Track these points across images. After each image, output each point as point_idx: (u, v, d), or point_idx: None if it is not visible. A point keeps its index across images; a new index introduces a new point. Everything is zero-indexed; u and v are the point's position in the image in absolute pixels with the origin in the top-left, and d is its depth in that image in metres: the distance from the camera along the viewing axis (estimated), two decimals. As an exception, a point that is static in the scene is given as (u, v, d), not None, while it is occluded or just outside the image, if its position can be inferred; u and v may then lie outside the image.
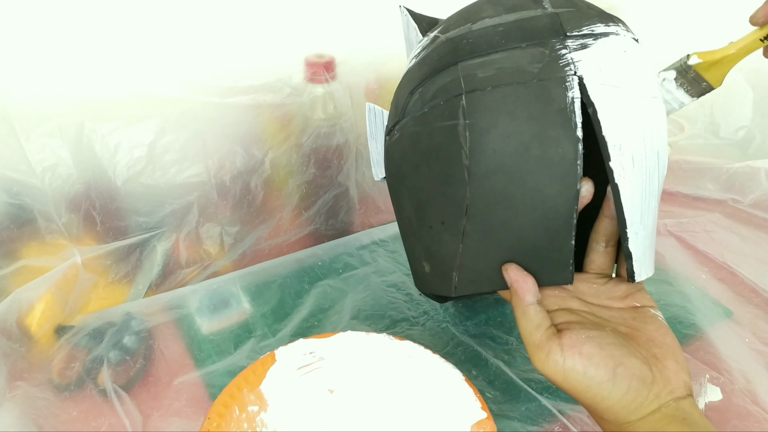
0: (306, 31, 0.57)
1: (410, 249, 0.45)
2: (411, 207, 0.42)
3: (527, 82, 0.35)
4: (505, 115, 0.35)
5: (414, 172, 0.40)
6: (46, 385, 0.49)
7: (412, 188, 0.41)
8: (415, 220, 0.42)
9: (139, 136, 0.52)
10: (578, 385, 0.33)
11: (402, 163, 0.42)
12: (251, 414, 0.43)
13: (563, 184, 0.35)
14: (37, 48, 0.46)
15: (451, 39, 0.40)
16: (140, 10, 0.48)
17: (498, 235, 0.37)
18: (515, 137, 0.35)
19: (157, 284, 0.60)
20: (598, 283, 0.40)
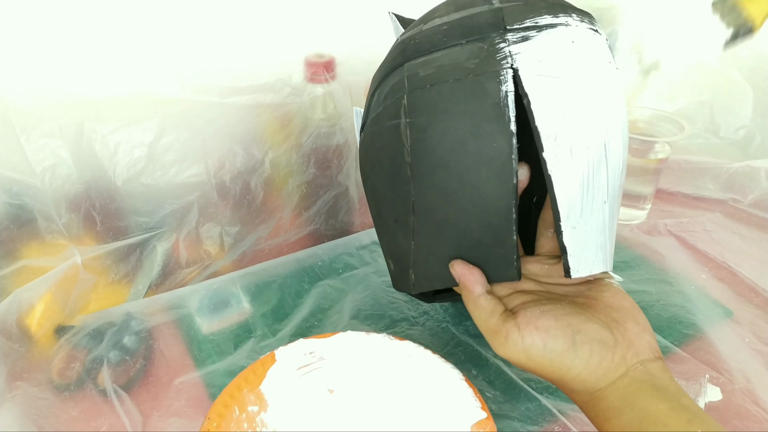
0: (306, 31, 0.57)
1: (381, 246, 0.46)
2: (373, 205, 0.43)
3: (463, 78, 0.35)
4: (442, 112, 0.36)
5: (372, 171, 0.42)
6: (46, 385, 0.49)
7: (372, 187, 0.43)
8: (377, 219, 0.43)
9: (139, 136, 0.53)
10: (541, 360, 0.33)
11: (365, 162, 0.43)
12: (251, 414, 0.43)
13: (500, 178, 0.35)
14: (37, 48, 0.46)
15: (403, 40, 0.41)
16: (140, 10, 0.48)
17: (443, 231, 0.37)
18: (452, 134, 0.35)
19: (157, 284, 0.60)
20: (549, 263, 0.40)
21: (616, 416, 0.32)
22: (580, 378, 0.33)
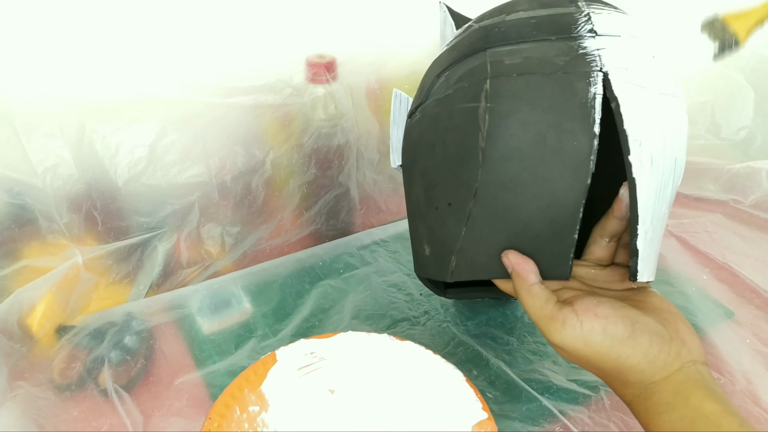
0: (307, 31, 0.57)
1: (414, 230, 0.45)
2: (421, 187, 0.42)
3: (552, 73, 0.36)
4: (527, 103, 0.36)
5: (429, 152, 0.41)
6: (47, 385, 0.49)
7: (425, 168, 0.42)
8: (423, 201, 0.42)
9: (140, 136, 0.53)
10: (600, 346, 0.33)
11: (419, 142, 0.43)
12: (252, 414, 0.43)
13: (574, 177, 0.35)
14: (38, 48, 0.46)
15: (484, 27, 0.41)
16: (141, 11, 0.48)
17: (503, 220, 0.37)
18: (533, 125, 0.36)
19: (158, 284, 0.60)
20: (596, 269, 0.40)
21: (668, 411, 0.32)
22: (638, 368, 0.33)
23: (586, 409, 0.50)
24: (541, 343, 0.56)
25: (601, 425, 0.48)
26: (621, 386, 0.35)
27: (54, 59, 0.47)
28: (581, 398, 0.50)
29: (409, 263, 0.65)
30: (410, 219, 0.46)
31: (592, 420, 0.49)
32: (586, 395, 0.51)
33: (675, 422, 0.32)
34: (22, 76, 0.46)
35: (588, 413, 0.49)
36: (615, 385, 0.35)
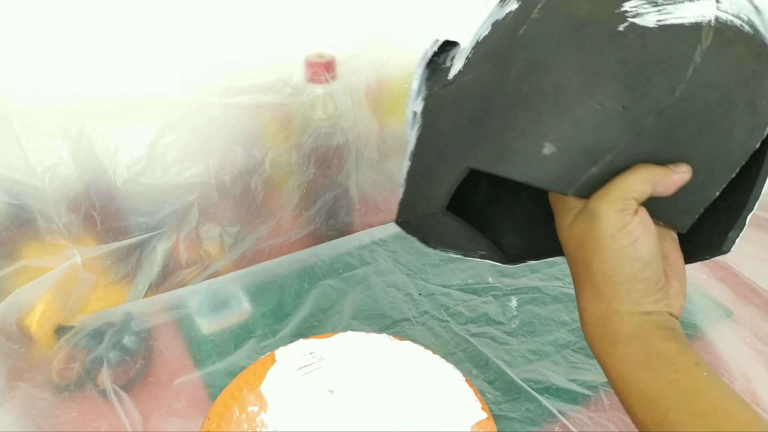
0: (306, 30, 0.57)
1: (515, 121, 0.35)
2: (575, 72, 0.34)
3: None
4: (746, 42, 0.34)
5: (612, 38, 0.33)
6: (46, 385, 0.49)
7: (598, 52, 0.34)
8: (572, 90, 0.34)
9: (139, 136, 0.52)
10: (619, 248, 0.32)
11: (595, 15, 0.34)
12: (251, 414, 0.43)
13: (750, 135, 0.34)
14: (37, 48, 0.46)
15: None
16: (140, 10, 0.48)
17: (671, 148, 0.34)
18: (744, 66, 0.33)
19: (157, 284, 0.60)
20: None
21: (623, 342, 0.32)
22: (618, 287, 0.33)
23: (586, 409, 0.50)
24: (541, 343, 0.56)
25: (601, 425, 0.48)
26: (589, 298, 0.34)
27: (53, 59, 0.47)
28: (580, 398, 0.50)
29: (408, 263, 0.65)
30: (506, 107, 0.35)
31: (591, 420, 0.49)
32: (585, 395, 0.51)
33: (629, 354, 0.32)
34: (22, 76, 0.46)
35: (587, 413, 0.49)
36: (585, 294, 0.35)
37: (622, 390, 0.32)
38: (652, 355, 0.32)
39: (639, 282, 0.33)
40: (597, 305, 0.34)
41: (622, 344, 0.32)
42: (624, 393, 0.32)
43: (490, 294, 0.61)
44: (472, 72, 0.36)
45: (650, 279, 0.33)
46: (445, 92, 0.38)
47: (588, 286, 0.34)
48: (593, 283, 0.34)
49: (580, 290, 0.35)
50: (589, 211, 0.33)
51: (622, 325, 0.33)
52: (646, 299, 0.33)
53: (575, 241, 0.35)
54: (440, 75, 0.39)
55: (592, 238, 0.33)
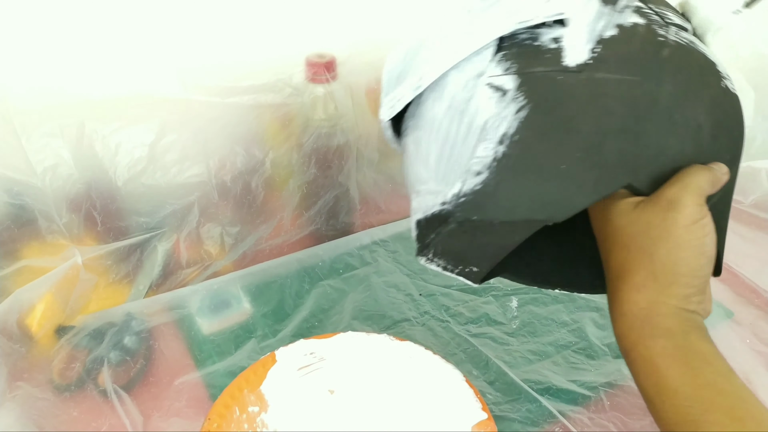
0: (307, 30, 0.57)
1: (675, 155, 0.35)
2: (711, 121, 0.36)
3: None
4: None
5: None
6: (46, 385, 0.49)
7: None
8: (708, 135, 0.36)
9: (139, 136, 0.52)
10: (691, 240, 0.33)
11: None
12: (252, 414, 0.43)
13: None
14: (38, 47, 0.46)
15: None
16: (141, 10, 0.48)
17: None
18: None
19: (157, 284, 0.60)
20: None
21: (665, 336, 0.32)
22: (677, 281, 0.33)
23: (586, 410, 0.50)
24: (541, 344, 0.56)
25: (601, 426, 0.48)
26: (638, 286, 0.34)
27: (54, 59, 0.47)
28: (581, 399, 0.50)
29: (408, 263, 0.65)
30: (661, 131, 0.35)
31: (591, 421, 0.49)
32: (585, 396, 0.51)
33: (670, 349, 0.32)
34: (22, 76, 0.46)
35: (588, 414, 0.49)
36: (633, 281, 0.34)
37: (653, 385, 0.32)
38: (692, 353, 0.31)
39: (698, 278, 0.33)
40: (645, 295, 0.33)
41: (663, 338, 0.32)
42: (655, 389, 0.32)
43: (491, 294, 0.61)
44: (611, 72, 0.34)
45: (706, 277, 0.34)
46: (570, 81, 0.34)
47: (640, 274, 0.34)
48: (650, 271, 0.33)
49: (626, 279, 0.34)
50: (667, 199, 0.33)
51: (667, 319, 0.32)
52: (694, 297, 0.33)
53: (637, 228, 0.34)
54: (539, 55, 0.35)
55: (664, 225, 0.33)
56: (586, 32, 0.35)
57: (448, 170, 0.37)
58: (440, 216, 0.37)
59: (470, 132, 0.35)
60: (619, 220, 0.35)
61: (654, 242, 0.33)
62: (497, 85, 0.35)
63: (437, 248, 0.37)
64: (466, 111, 0.35)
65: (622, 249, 0.35)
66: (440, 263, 0.37)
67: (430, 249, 0.37)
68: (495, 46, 0.36)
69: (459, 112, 0.36)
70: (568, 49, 0.34)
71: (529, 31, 0.35)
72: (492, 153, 0.34)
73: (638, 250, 0.34)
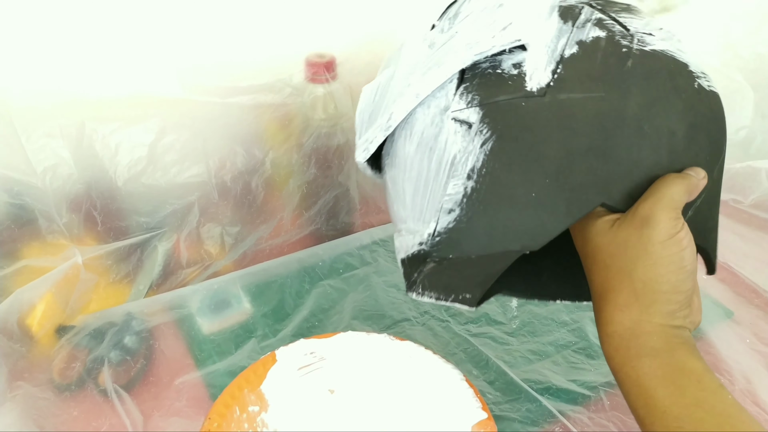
0: (307, 30, 0.57)
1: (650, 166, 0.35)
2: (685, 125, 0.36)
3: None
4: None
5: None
6: (46, 385, 0.49)
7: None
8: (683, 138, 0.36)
9: (139, 136, 0.52)
10: (669, 255, 0.32)
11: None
12: (252, 414, 0.43)
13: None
14: (38, 48, 0.46)
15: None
16: (141, 10, 0.48)
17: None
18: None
19: (157, 284, 0.60)
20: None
21: (651, 355, 0.32)
22: (658, 298, 0.32)
23: (586, 409, 0.50)
24: (541, 343, 0.56)
25: (601, 426, 0.48)
26: (621, 306, 0.33)
27: (53, 59, 0.47)
28: (581, 399, 0.50)
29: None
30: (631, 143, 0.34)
31: (591, 420, 0.49)
32: (585, 396, 0.51)
33: (656, 368, 0.31)
34: (22, 76, 0.46)
35: (587, 414, 0.49)
36: (617, 301, 0.34)
37: (643, 406, 0.31)
38: (678, 372, 0.31)
39: (679, 293, 0.33)
40: (629, 314, 0.33)
41: (649, 357, 0.32)
42: (644, 410, 0.31)
43: (491, 294, 0.61)
44: (574, 92, 0.34)
45: (688, 292, 0.33)
46: (533, 105, 0.34)
47: (622, 294, 0.33)
48: (631, 290, 0.33)
49: (609, 299, 0.34)
50: (641, 216, 0.33)
51: (652, 337, 0.32)
52: (679, 312, 0.33)
53: (614, 248, 0.34)
54: (501, 83, 0.35)
55: (640, 243, 0.33)
56: (546, 53, 0.35)
57: (423, 209, 0.37)
58: (419, 256, 0.37)
59: (440, 168, 0.35)
60: (598, 240, 0.35)
61: (632, 261, 0.33)
62: (462, 119, 0.35)
63: (424, 284, 0.37)
64: (435, 147, 0.35)
65: (602, 268, 0.35)
66: (431, 296, 0.37)
67: (417, 286, 0.37)
68: (457, 80, 0.36)
69: (428, 149, 0.36)
70: (530, 73, 0.34)
71: (490, 59, 0.35)
72: (462, 189, 0.34)
73: (618, 270, 0.34)
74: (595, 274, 0.35)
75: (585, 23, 0.36)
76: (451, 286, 0.36)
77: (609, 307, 0.34)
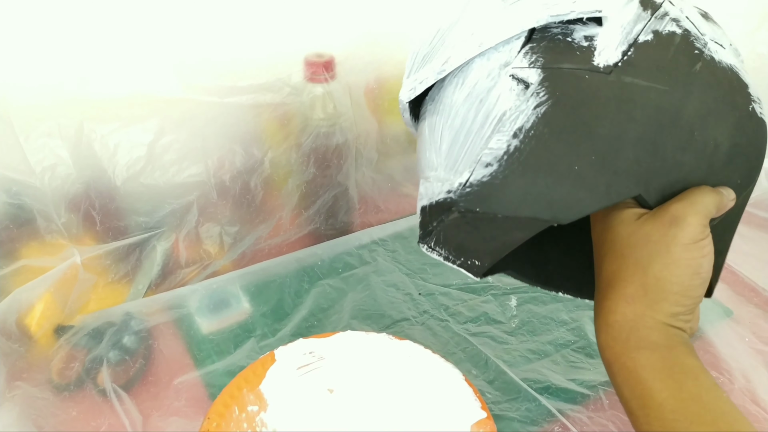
0: (305, 30, 0.57)
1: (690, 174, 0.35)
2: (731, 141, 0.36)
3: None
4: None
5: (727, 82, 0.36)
6: (45, 385, 0.49)
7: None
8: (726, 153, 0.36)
9: (138, 135, 0.52)
10: (689, 259, 0.32)
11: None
12: (251, 414, 0.43)
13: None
14: (36, 47, 0.46)
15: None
16: (139, 10, 0.48)
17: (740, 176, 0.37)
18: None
19: (156, 284, 0.60)
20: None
21: (651, 348, 0.32)
22: (667, 297, 0.33)
23: (585, 408, 0.50)
24: (541, 343, 0.56)
25: (600, 425, 0.48)
26: (628, 298, 0.33)
27: (52, 58, 0.47)
28: (580, 398, 0.50)
29: (407, 262, 0.65)
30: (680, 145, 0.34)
31: (591, 420, 0.49)
32: (584, 395, 0.51)
33: (655, 361, 0.32)
34: (21, 76, 0.46)
35: (587, 413, 0.49)
36: (623, 293, 0.34)
37: (638, 397, 0.32)
38: (677, 367, 0.31)
39: (689, 298, 0.33)
40: (633, 307, 0.33)
41: (648, 350, 0.32)
42: (639, 401, 0.32)
43: (490, 293, 0.61)
44: (640, 78, 0.33)
45: (698, 298, 0.33)
46: (596, 81, 0.33)
47: (632, 286, 0.33)
48: (642, 284, 0.33)
49: (617, 289, 0.34)
50: (672, 215, 0.33)
51: (653, 332, 0.32)
52: (683, 315, 0.33)
53: (635, 240, 0.34)
54: (569, 51, 0.34)
55: (664, 241, 0.33)
56: (621, 33, 0.34)
57: (459, 159, 0.36)
58: (444, 204, 0.37)
59: (487, 122, 0.35)
60: (620, 229, 0.35)
61: (651, 256, 0.33)
62: (521, 78, 0.34)
63: (439, 237, 0.36)
64: (485, 100, 0.35)
65: (617, 258, 0.34)
66: (441, 252, 0.36)
67: (432, 237, 0.36)
68: (525, 38, 0.35)
69: (479, 100, 0.35)
70: (600, 48, 0.34)
71: (563, 26, 0.34)
72: (505, 146, 0.34)
73: (633, 262, 0.34)
74: (608, 263, 0.35)
75: (664, 16, 0.35)
76: (464, 246, 0.35)
77: (615, 296, 0.34)
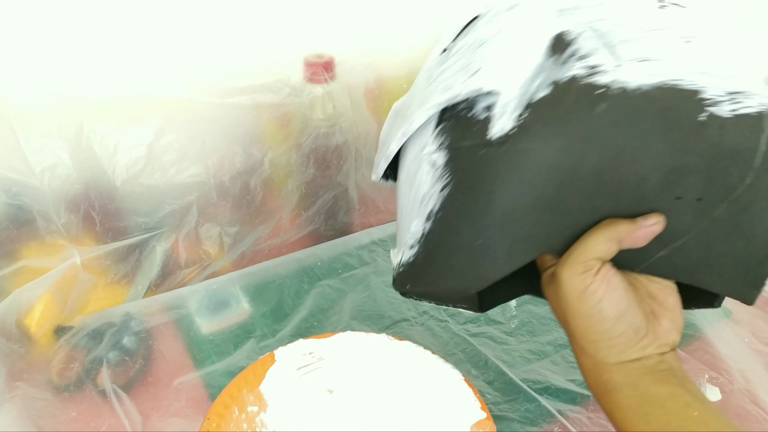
0: (305, 31, 0.57)
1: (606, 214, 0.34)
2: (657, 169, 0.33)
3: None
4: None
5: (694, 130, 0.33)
6: (45, 385, 0.49)
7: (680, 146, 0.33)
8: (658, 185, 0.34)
9: (138, 136, 0.52)
10: (586, 310, 0.33)
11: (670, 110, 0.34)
12: (251, 414, 0.43)
13: None
14: (36, 48, 0.46)
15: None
16: (139, 11, 0.48)
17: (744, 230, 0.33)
18: None
19: (156, 285, 0.60)
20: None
21: (615, 390, 0.34)
22: (597, 345, 0.34)
23: (585, 409, 0.50)
24: (540, 343, 0.56)
25: (600, 425, 0.48)
26: (578, 350, 0.36)
27: (52, 59, 0.47)
28: (579, 398, 0.50)
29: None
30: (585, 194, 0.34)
31: (590, 420, 0.49)
32: (584, 395, 0.51)
33: (621, 401, 0.33)
34: (20, 76, 0.46)
35: (586, 413, 0.49)
36: (574, 345, 0.36)
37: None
38: (643, 401, 0.33)
39: (615, 338, 0.33)
40: (586, 359, 0.35)
41: (614, 392, 0.34)
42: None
43: (490, 294, 0.61)
44: (535, 141, 0.32)
45: (627, 332, 0.33)
46: (492, 155, 0.33)
47: (573, 342, 0.36)
48: (575, 339, 0.35)
49: (571, 344, 0.37)
50: (555, 276, 0.34)
51: (613, 375, 0.34)
52: (629, 350, 0.34)
53: (553, 302, 0.36)
54: (469, 127, 0.34)
55: (559, 299, 0.34)
56: (517, 96, 0.33)
57: (399, 238, 0.39)
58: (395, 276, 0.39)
59: (414, 205, 0.36)
60: (545, 290, 0.37)
61: (563, 314, 0.35)
62: (433, 161, 0.35)
63: (414, 296, 0.41)
64: (413, 183, 0.36)
65: (557, 316, 0.37)
66: (428, 302, 0.41)
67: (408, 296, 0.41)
68: (437, 119, 0.35)
69: (409, 184, 0.37)
70: (496, 118, 0.33)
71: (467, 100, 0.35)
72: (421, 229, 0.36)
73: (562, 322, 0.36)
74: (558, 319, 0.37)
75: (569, 58, 0.33)
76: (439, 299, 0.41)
77: (573, 351, 0.36)
